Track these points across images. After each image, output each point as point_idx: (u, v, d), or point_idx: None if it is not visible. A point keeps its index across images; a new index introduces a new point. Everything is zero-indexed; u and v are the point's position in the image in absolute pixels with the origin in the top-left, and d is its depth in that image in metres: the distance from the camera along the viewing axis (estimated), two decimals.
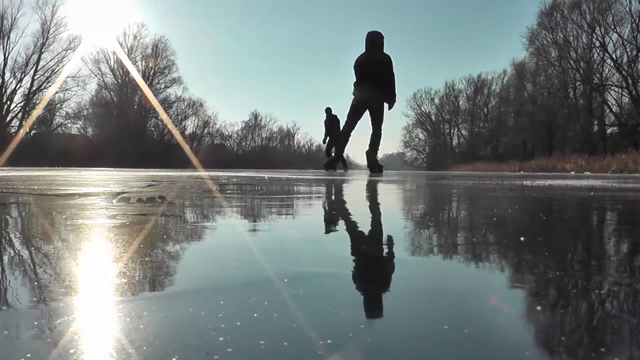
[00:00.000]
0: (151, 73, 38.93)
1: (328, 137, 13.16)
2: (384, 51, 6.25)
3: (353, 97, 6.40)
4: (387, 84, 6.19)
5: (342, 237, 1.31)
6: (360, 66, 6.24)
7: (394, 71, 6.22)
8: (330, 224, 1.63)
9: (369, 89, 6.16)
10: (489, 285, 0.73)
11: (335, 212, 2.11)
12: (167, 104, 39.41)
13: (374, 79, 6.10)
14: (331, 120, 13.12)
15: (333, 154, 12.92)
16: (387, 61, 6.20)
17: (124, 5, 61.48)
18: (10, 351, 0.45)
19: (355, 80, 6.34)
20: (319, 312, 0.57)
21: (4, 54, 32.08)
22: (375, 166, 6.71)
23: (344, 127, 7.02)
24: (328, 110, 13.21)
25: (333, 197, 3.05)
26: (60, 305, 0.59)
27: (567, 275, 0.77)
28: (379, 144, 6.50)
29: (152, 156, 31.38)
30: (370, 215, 1.99)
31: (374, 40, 6.28)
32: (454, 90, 47.47)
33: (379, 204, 2.66)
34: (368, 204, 2.67)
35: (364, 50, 6.33)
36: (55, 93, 33.25)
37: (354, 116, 6.41)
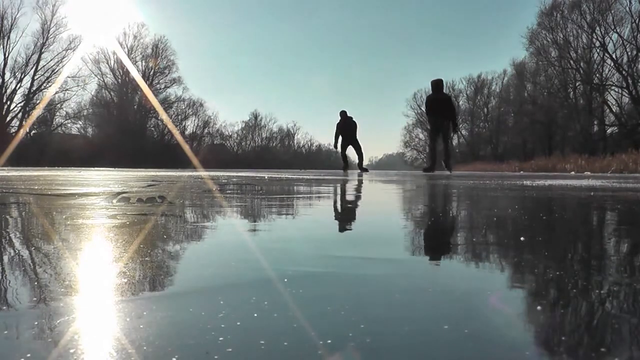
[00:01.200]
0: (151, 73, 38.93)
1: (342, 139, 12.33)
2: (444, 92, 9.70)
3: (429, 123, 9.66)
4: (450, 113, 9.29)
5: (341, 237, 1.31)
6: (431, 102, 9.36)
7: (453, 104, 9.63)
8: (329, 223, 1.63)
9: (439, 118, 9.20)
10: (489, 285, 0.73)
11: (334, 211, 2.11)
12: (167, 104, 39.37)
13: (441, 111, 9.16)
14: (349, 123, 12.27)
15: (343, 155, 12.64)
16: (449, 98, 9.66)
17: (124, 5, 61.43)
18: (10, 351, 0.45)
19: (426, 111, 9.70)
20: (319, 312, 0.57)
21: (4, 54, 32.07)
22: (449, 168, 9.69)
23: (429, 141, 10.08)
24: (343, 114, 12.29)
25: (331, 196, 3.05)
26: (61, 305, 0.59)
27: (567, 275, 0.77)
28: (450, 154, 9.68)
29: (152, 156, 31.36)
30: (368, 214, 1.99)
31: (438, 85, 9.50)
32: (454, 90, 47.32)
33: (382, 202, 2.65)
34: (366, 203, 2.67)
35: (430, 92, 9.68)
36: (55, 93, 33.22)
37: (432, 136, 9.61)
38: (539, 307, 0.61)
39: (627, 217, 1.78)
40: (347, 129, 12.31)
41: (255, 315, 0.55)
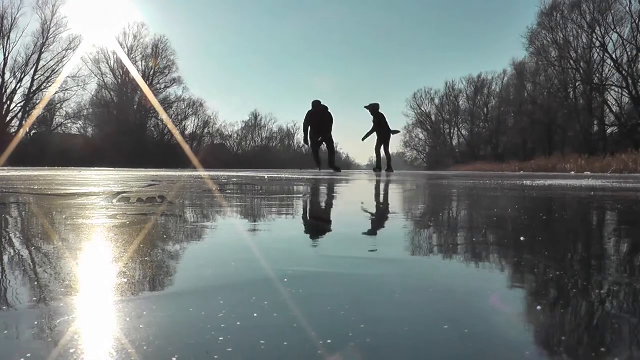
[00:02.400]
0: (151, 73, 38.87)
1: (312, 132, 10.69)
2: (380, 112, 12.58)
3: (374, 131, 12.28)
4: (387, 128, 12.37)
5: (340, 237, 1.31)
6: (375, 119, 12.20)
7: (386, 120, 12.39)
8: (327, 224, 1.63)
9: (383, 131, 12.12)
10: (489, 285, 0.73)
11: (334, 211, 2.11)
12: (167, 104, 39.30)
13: (382, 126, 12.16)
14: (323, 114, 10.60)
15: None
16: (382, 117, 12.31)
17: (124, 5, 61.26)
18: (10, 351, 0.45)
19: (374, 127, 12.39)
20: (318, 312, 0.57)
21: (4, 54, 32.00)
22: (390, 169, 12.44)
23: (377, 148, 12.30)
24: (316, 103, 10.58)
25: (331, 196, 3.05)
26: (61, 305, 0.59)
27: (567, 275, 0.77)
28: (390, 157, 12.56)
29: (152, 156, 31.33)
30: (369, 214, 1.99)
31: (377, 107, 12.26)
32: (454, 90, 47.39)
33: (377, 202, 2.65)
34: (366, 203, 2.67)
35: (373, 112, 12.42)
36: (55, 93, 33.17)
37: (379, 144, 12.29)
38: (539, 307, 0.61)
39: (627, 217, 1.78)
40: (318, 120, 10.62)
41: (255, 315, 0.55)
